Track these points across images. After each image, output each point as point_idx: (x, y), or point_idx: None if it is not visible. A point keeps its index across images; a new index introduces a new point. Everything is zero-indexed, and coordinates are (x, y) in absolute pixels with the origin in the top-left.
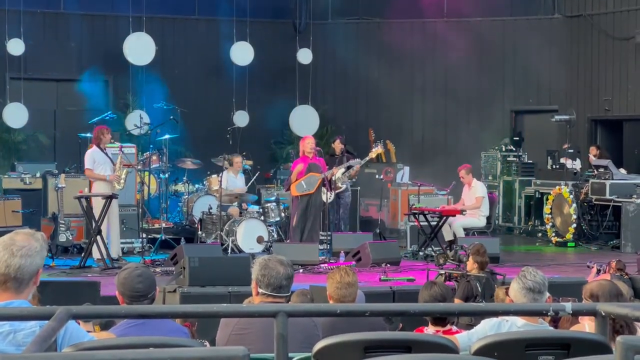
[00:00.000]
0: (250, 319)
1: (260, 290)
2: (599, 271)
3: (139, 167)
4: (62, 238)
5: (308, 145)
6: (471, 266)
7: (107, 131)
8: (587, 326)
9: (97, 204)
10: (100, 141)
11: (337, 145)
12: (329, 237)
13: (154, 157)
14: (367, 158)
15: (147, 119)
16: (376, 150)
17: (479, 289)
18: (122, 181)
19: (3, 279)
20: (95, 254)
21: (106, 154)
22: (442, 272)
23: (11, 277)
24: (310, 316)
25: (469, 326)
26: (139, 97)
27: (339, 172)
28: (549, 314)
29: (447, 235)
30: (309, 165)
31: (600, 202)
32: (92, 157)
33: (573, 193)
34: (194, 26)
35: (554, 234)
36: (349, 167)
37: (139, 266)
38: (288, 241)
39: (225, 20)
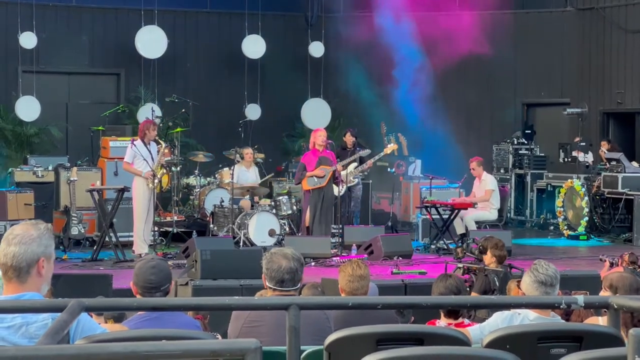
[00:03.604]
0: (261, 312)
1: (266, 284)
2: (612, 264)
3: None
4: (74, 231)
5: (319, 138)
6: (489, 260)
7: (153, 127)
8: (600, 320)
9: (137, 194)
10: (145, 135)
11: (349, 139)
12: (340, 230)
13: (166, 151)
14: (382, 154)
15: (158, 112)
16: (391, 147)
17: (497, 283)
18: (155, 180)
19: (4, 269)
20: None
21: (149, 150)
22: (461, 265)
23: (9, 265)
24: (322, 309)
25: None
26: (151, 90)
27: (351, 166)
28: (561, 306)
29: (459, 229)
30: (319, 158)
31: (613, 195)
32: (133, 151)
33: (585, 186)
34: (205, 19)
35: (566, 227)
36: (361, 160)
37: (155, 258)
38: (300, 234)
39: (237, 13)
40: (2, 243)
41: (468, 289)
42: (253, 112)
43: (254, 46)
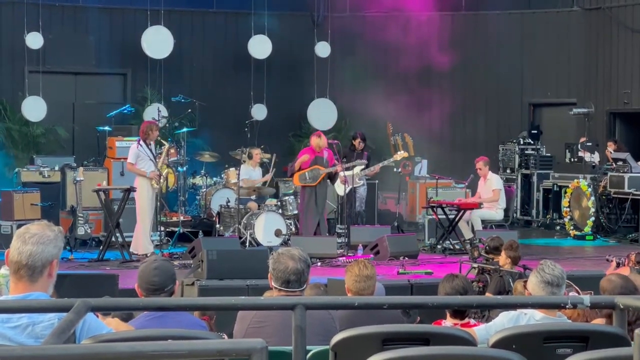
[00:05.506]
0: (267, 312)
1: (272, 284)
2: (618, 264)
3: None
4: (80, 231)
5: (317, 144)
6: (504, 261)
7: (155, 127)
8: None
9: (141, 194)
10: (147, 136)
11: (358, 142)
12: (346, 230)
13: (172, 151)
14: (391, 160)
15: (165, 112)
16: (401, 154)
17: (512, 284)
18: (161, 180)
19: (16, 266)
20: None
21: (151, 150)
22: (475, 265)
23: (23, 264)
24: (328, 309)
25: None
26: (157, 90)
27: (357, 168)
28: (567, 306)
29: (465, 230)
30: (315, 158)
31: (619, 196)
32: (138, 152)
33: (591, 186)
34: (212, 19)
35: (572, 227)
36: (365, 167)
37: (158, 259)
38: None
39: (243, 13)
40: (15, 241)
41: (482, 288)
42: (259, 112)
43: (260, 46)
